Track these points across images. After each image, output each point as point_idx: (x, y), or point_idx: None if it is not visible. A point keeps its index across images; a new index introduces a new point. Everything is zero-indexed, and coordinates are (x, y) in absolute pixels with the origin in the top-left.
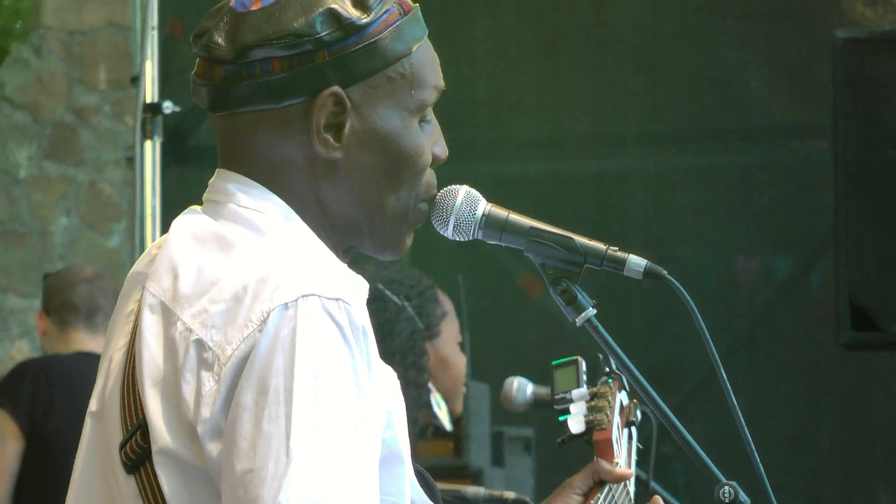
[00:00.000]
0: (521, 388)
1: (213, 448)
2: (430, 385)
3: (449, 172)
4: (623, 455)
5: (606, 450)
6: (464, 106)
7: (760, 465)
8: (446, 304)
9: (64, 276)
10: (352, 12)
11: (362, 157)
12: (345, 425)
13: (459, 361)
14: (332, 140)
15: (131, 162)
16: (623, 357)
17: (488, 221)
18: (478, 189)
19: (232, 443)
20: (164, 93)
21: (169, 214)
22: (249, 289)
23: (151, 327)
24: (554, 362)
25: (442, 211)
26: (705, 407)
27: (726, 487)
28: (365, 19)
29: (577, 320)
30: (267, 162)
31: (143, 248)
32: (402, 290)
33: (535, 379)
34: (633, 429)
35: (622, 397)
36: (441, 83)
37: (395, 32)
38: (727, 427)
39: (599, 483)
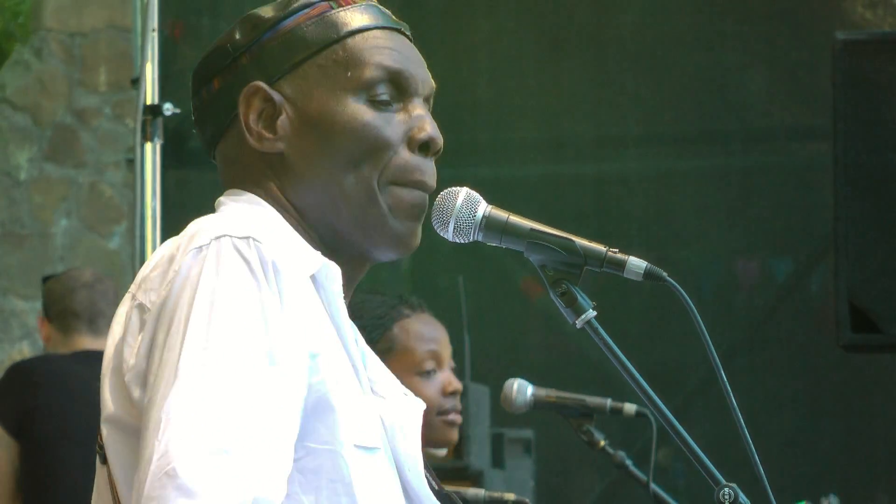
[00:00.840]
0: (522, 389)
1: (137, 394)
2: None
3: (449, 174)
4: None
5: None
6: (464, 108)
7: (760, 467)
8: (405, 336)
9: (63, 282)
10: (264, 12)
11: (304, 144)
12: (239, 347)
13: (416, 392)
14: (266, 133)
15: (131, 164)
16: (623, 359)
17: (489, 223)
18: (478, 191)
19: (146, 381)
20: (165, 95)
21: (169, 216)
22: (181, 247)
23: (118, 316)
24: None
25: (442, 213)
26: (705, 409)
27: (726, 489)
28: (278, 16)
29: (577, 322)
30: (245, 173)
31: (143, 250)
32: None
33: (535, 380)
34: None
35: None
36: (391, 64)
37: (320, 22)
38: (727, 429)
39: None
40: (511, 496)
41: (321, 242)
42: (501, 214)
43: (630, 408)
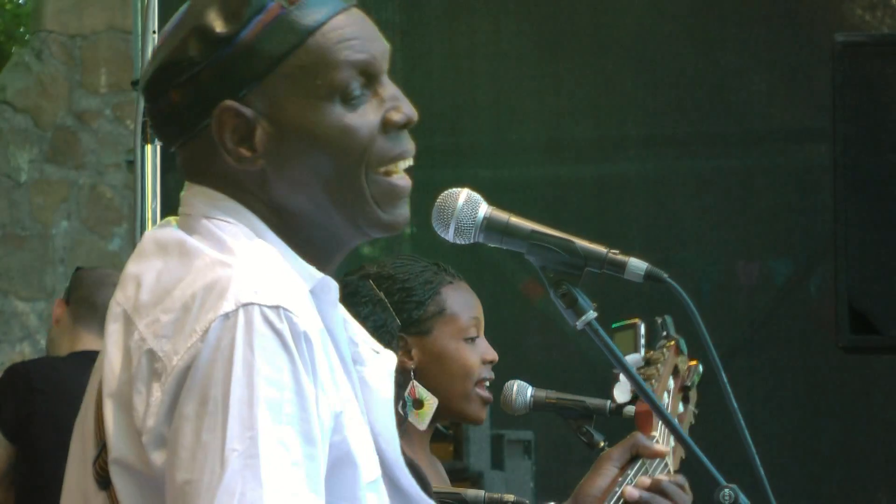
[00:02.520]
0: (521, 391)
1: (157, 458)
2: (413, 383)
3: (449, 176)
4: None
5: (645, 422)
6: (464, 109)
7: (761, 468)
8: (453, 301)
9: (96, 275)
10: (216, 24)
11: (287, 158)
12: (281, 432)
13: (461, 359)
14: (244, 152)
15: (132, 165)
16: (623, 360)
17: (489, 225)
18: (477, 192)
19: (173, 453)
20: None
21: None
22: (197, 298)
23: (113, 336)
24: (614, 325)
25: (443, 214)
26: (705, 409)
27: (727, 490)
28: (232, 29)
29: (577, 323)
30: (221, 176)
31: None
32: (390, 285)
33: (535, 382)
34: (692, 393)
35: (679, 362)
36: (358, 57)
37: (276, 28)
38: (727, 430)
39: (636, 456)
40: (511, 497)
41: (307, 243)
42: (502, 216)
43: (630, 409)
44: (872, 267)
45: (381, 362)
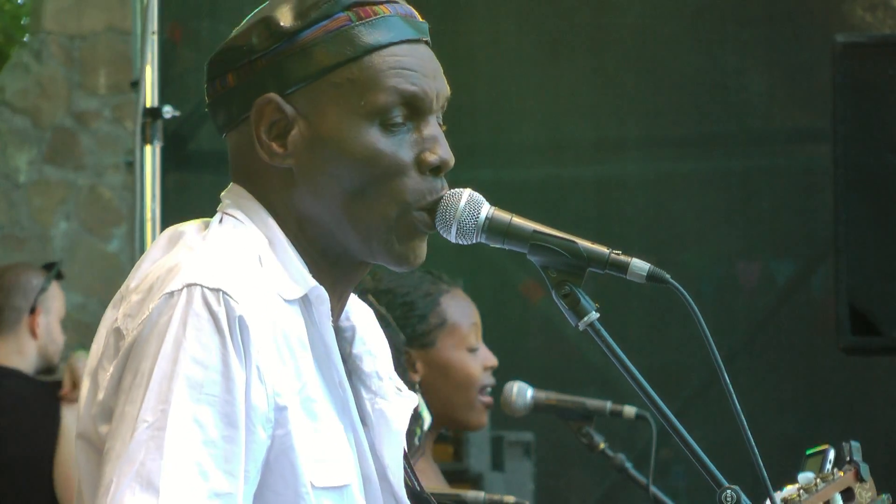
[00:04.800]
0: (521, 392)
1: (104, 430)
2: (418, 395)
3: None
4: None
5: None
6: (464, 110)
7: (763, 469)
8: (454, 311)
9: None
10: (283, 19)
11: (316, 164)
12: (198, 410)
13: (465, 369)
14: (276, 147)
15: (131, 166)
16: (625, 360)
17: (491, 225)
18: (478, 193)
19: (110, 420)
20: (164, 97)
21: (169, 219)
22: (159, 279)
23: (104, 321)
24: (808, 452)
25: (445, 215)
26: (707, 411)
27: (728, 491)
28: (297, 25)
29: (580, 324)
30: (252, 174)
31: (142, 253)
32: (391, 299)
33: (535, 383)
34: None
35: (857, 487)
36: (407, 87)
37: (338, 37)
38: (729, 431)
39: None
40: (511, 499)
41: (321, 254)
42: (505, 216)
43: (630, 410)
44: (873, 268)
45: (402, 401)
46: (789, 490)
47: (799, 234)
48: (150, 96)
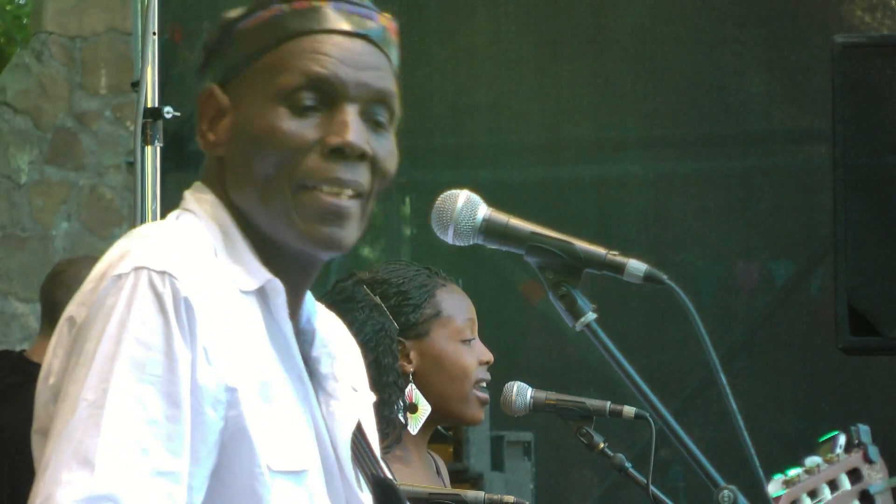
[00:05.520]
0: (521, 392)
1: (53, 411)
2: (411, 387)
3: (449, 177)
4: None
5: None
6: (464, 111)
7: (760, 470)
8: (448, 303)
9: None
10: (235, 12)
11: (235, 150)
12: (141, 390)
13: (459, 360)
14: (211, 136)
15: (132, 167)
16: (622, 361)
17: (489, 227)
18: (478, 194)
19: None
20: (165, 98)
21: None
22: (111, 266)
23: (63, 315)
24: (819, 439)
25: (442, 216)
26: (706, 411)
27: (726, 492)
28: (238, 16)
29: (576, 325)
30: (207, 168)
31: None
32: (385, 289)
33: (534, 383)
34: (881, 499)
35: (864, 467)
36: (318, 70)
37: (268, 25)
38: (727, 431)
39: None
40: (510, 499)
41: (265, 245)
42: (501, 218)
43: (629, 410)
44: (872, 268)
45: (356, 400)
46: (793, 472)
47: (798, 235)
48: (150, 97)
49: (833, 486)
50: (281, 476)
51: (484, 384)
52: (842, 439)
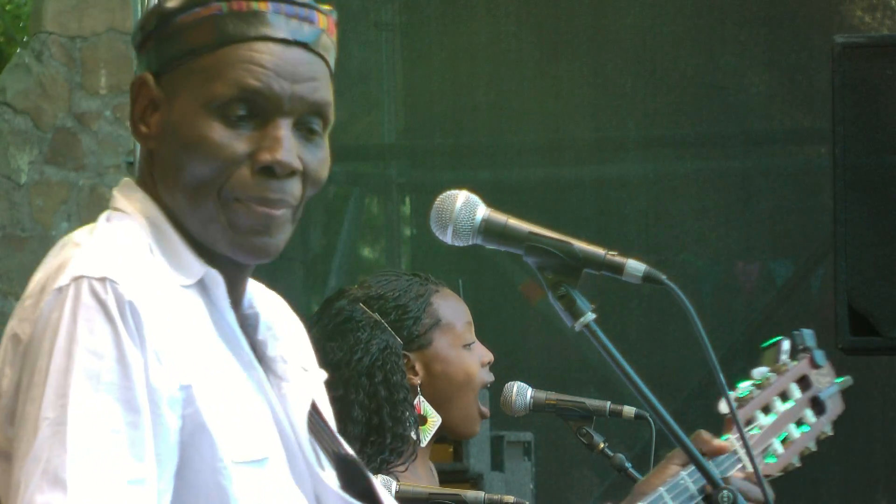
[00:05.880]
0: (521, 392)
1: (10, 433)
2: (419, 400)
3: (449, 177)
4: (766, 429)
5: (728, 426)
6: (463, 111)
7: (759, 470)
8: (446, 309)
9: None
10: (171, 2)
11: (164, 148)
12: (99, 400)
13: (463, 366)
14: (143, 128)
15: (132, 167)
16: (622, 361)
17: (487, 227)
18: (477, 194)
19: (15, 421)
20: None
21: None
22: (50, 279)
23: (6, 331)
24: (762, 345)
25: (441, 216)
26: (706, 411)
27: (725, 492)
28: (176, 8)
29: (575, 325)
30: (142, 162)
31: None
32: (383, 304)
33: (534, 383)
34: (831, 403)
35: (812, 373)
36: (251, 83)
37: (205, 25)
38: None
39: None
40: (510, 499)
41: (193, 239)
42: (500, 218)
43: (629, 410)
44: (872, 268)
45: (307, 380)
46: (743, 387)
47: (798, 235)
48: None
49: (784, 396)
50: (243, 466)
51: (488, 392)
52: (786, 345)
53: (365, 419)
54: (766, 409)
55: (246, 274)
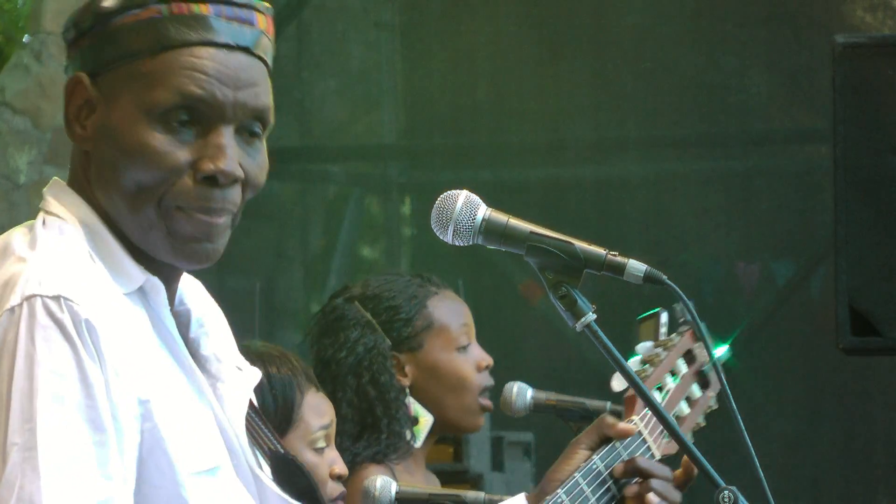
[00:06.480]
0: (521, 392)
1: None
2: (409, 399)
3: (449, 177)
4: (663, 408)
5: (629, 406)
6: (464, 111)
7: (760, 470)
8: (441, 312)
9: None
10: (106, 2)
11: (102, 151)
12: (64, 421)
13: (455, 370)
14: (79, 129)
15: None
16: (622, 361)
17: (488, 226)
18: (477, 194)
19: None
20: None
21: None
22: None
23: None
24: (638, 317)
25: (441, 216)
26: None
27: (726, 492)
28: (112, 8)
29: (576, 325)
30: (74, 162)
31: None
32: (376, 305)
33: (534, 384)
34: (713, 377)
35: (696, 347)
36: (193, 90)
37: (145, 28)
38: (728, 432)
39: (606, 439)
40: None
41: (132, 244)
42: (501, 218)
43: None
44: (873, 268)
45: (241, 380)
46: (633, 363)
47: (799, 235)
48: None
49: (673, 373)
50: (198, 476)
51: (487, 392)
52: (664, 317)
53: (357, 417)
54: (661, 388)
55: (180, 274)
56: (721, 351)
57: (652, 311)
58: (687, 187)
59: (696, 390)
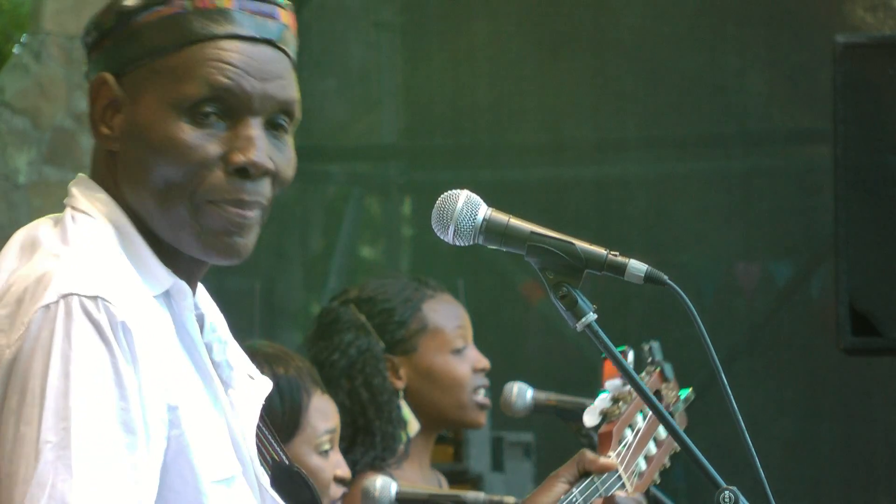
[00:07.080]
0: (521, 393)
1: None
2: (402, 402)
3: (449, 177)
4: (633, 447)
5: (605, 442)
6: (464, 111)
7: (761, 470)
8: (436, 315)
9: None
10: (128, 1)
11: (130, 150)
12: (98, 422)
13: (450, 372)
14: (105, 129)
15: None
16: (623, 362)
17: (489, 226)
18: (478, 194)
19: (0, 446)
20: None
21: None
22: (28, 291)
23: None
24: (603, 355)
25: (442, 216)
26: (706, 412)
27: (727, 493)
28: (136, 7)
29: (577, 325)
30: (97, 160)
31: None
32: (371, 307)
33: (535, 384)
34: (679, 418)
35: (663, 388)
36: (221, 81)
37: (170, 23)
38: (727, 432)
39: (585, 473)
40: (511, 500)
41: (161, 245)
42: (502, 218)
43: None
44: (873, 268)
45: (252, 388)
46: (601, 401)
47: (799, 235)
48: None
49: (642, 412)
50: (217, 485)
51: (482, 390)
52: (631, 356)
53: (350, 419)
54: (632, 426)
55: (201, 275)
56: (682, 398)
57: (618, 349)
58: (687, 187)
59: (661, 431)
